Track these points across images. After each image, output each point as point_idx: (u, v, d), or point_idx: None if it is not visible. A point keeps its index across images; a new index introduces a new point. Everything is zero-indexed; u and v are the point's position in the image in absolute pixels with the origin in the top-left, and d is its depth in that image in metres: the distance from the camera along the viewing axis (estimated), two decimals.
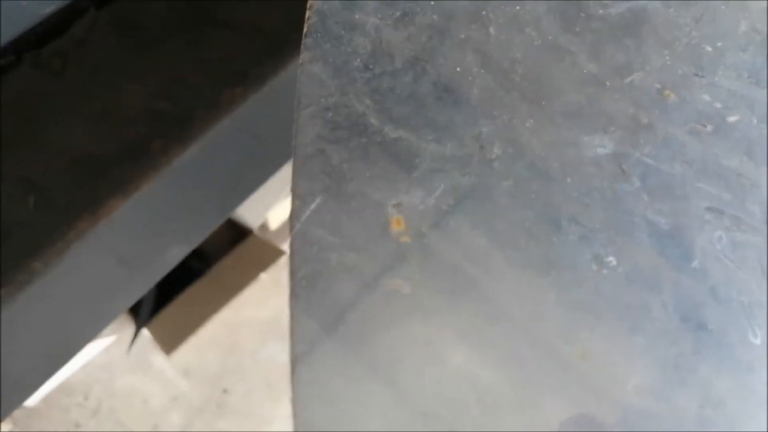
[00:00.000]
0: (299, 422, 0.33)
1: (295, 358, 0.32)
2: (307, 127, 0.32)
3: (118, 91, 0.55)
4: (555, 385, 0.31)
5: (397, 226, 0.32)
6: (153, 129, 0.53)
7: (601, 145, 0.30)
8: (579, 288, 0.31)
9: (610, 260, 0.30)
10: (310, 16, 0.32)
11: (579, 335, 0.31)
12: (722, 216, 0.29)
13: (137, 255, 0.57)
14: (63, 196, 0.51)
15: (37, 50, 0.55)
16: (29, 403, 1.25)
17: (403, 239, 0.32)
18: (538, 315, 0.31)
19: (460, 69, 0.32)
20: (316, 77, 0.32)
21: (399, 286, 0.32)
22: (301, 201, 0.32)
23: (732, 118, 0.29)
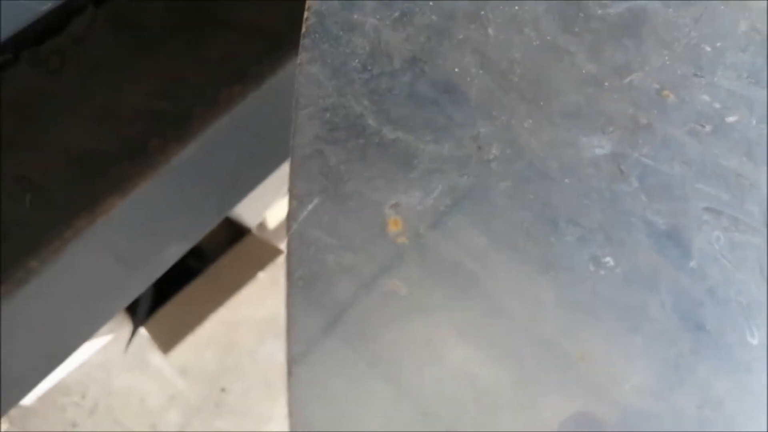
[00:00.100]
0: (297, 423, 0.33)
1: (292, 359, 0.32)
2: (305, 127, 0.32)
3: (117, 89, 0.54)
4: (555, 384, 0.31)
5: (394, 227, 0.32)
6: (151, 127, 0.53)
7: (599, 146, 0.30)
8: (577, 288, 0.31)
9: (608, 261, 0.30)
10: (309, 16, 0.32)
11: (577, 336, 0.31)
12: (721, 216, 0.29)
13: (135, 253, 0.57)
14: (61, 194, 0.51)
15: (36, 48, 0.54)
16: (26, 402, 1.25)
17: (401, 240, 0.32)
18: (537, 315, 0.31)
19: (459, 69, 0.32)
20: (314, 78, 0.32)
21: (396, 287, 0.32)
22: (299, 202, 0.32)
23: (731, 118, 0.29)
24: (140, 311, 1.19)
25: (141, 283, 0.60)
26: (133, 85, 0.54)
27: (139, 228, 0.55)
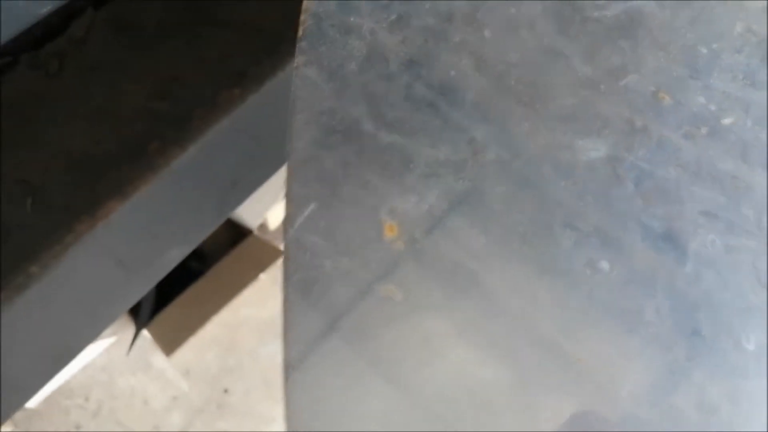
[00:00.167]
0: (294, 426, 0.33)
1: (289, 364, 0.32)
2: (301, 131, 0.32)
3: (116, 91, 0.54)
4: (554, 384, 0.31)
5: (390, 232, 0.32)
6: (151, 129, 0.53)
7: (595, 149, 0.30)
8: (573, 293, 0.31)
9: (604, 265, 0.30)
10: (305, 19, 0.32)
11: (576, 336, 0.31)
12: (716, 220, 0.29)
13: (136, 257, 0.57)
14: (61, 198, 0.51)
15: (35, 51, 0.54)
16: (30, 405, 1.25)
17: (397, 246, 0.32)
18: (536, 314, 0.31)
19: (455, 72, 0.32)
20: (310, 81, 0.32)
21: (392, 292, 0.32)
22: (295, 206, 0.32)
23: (727, 120, 0.29)
24: (143, 313, 1.19)
25: (142, 287, 0.60)
26: (133, 87, 0.54)
27: (139, 232, 0.55)
